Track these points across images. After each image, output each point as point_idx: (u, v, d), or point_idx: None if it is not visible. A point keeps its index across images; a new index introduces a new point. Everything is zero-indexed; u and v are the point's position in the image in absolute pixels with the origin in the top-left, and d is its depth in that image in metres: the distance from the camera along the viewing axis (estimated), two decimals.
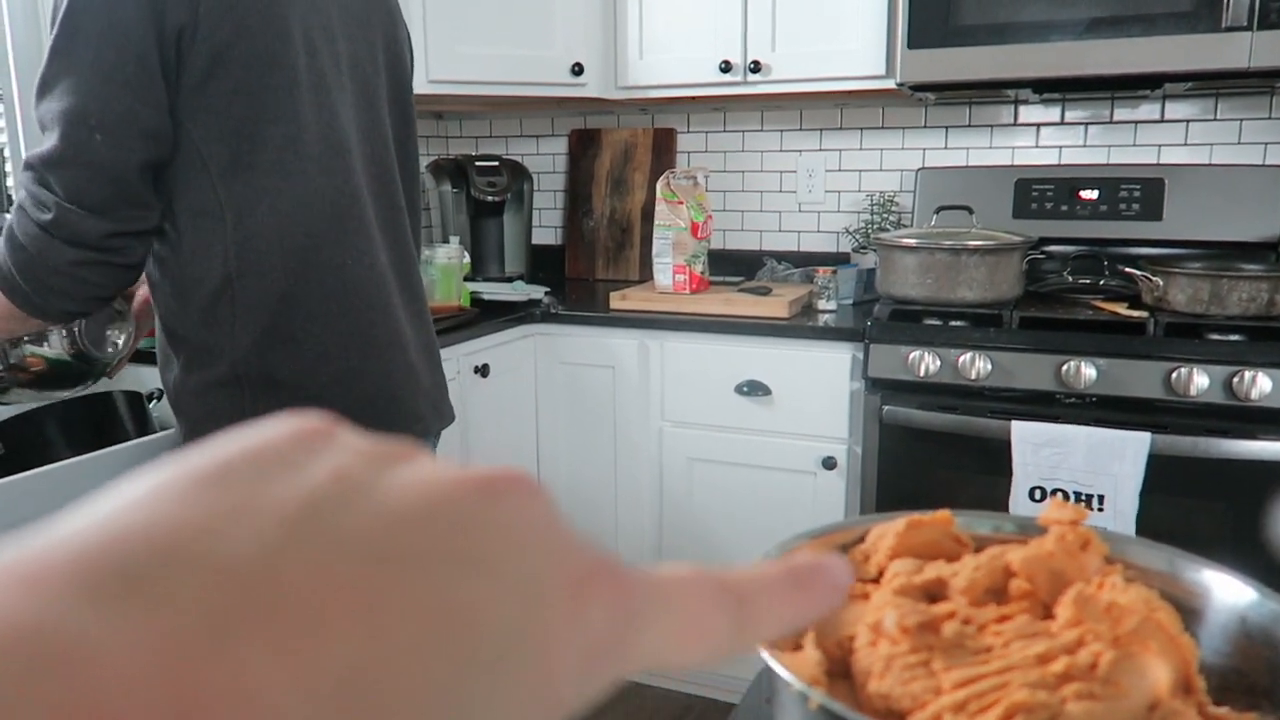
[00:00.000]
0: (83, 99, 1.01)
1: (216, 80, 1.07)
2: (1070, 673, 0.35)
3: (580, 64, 2.30)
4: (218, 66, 1.07)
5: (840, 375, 1.97)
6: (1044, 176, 2.23)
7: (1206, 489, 1.69)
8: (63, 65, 1.02)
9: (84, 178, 1.02)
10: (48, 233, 1.04)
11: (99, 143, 1.02)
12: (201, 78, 1.06)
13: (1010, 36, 1.90)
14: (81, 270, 1.06)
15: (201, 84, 1.07)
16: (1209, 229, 2.11)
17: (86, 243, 1.04)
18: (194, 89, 1.07)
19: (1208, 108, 2.18)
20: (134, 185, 1.05)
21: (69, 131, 1.02)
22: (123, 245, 1.07)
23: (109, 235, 1.05)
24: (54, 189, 1.03)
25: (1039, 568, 0.40)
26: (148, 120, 1.04)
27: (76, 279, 1.06)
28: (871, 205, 2.43)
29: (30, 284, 1.07)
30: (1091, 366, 1.72)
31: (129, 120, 1.03)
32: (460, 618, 0.16)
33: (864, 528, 0.48)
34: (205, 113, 1.08)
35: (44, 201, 1.03)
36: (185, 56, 1.05)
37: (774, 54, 2.18)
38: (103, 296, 1.11)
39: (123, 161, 1.03)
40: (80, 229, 1.04)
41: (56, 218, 1.03)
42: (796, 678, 0.36)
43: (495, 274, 2.60)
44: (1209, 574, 0.44)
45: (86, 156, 1.02)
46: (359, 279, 1.20)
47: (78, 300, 1.09)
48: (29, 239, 1.05)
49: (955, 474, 1.87)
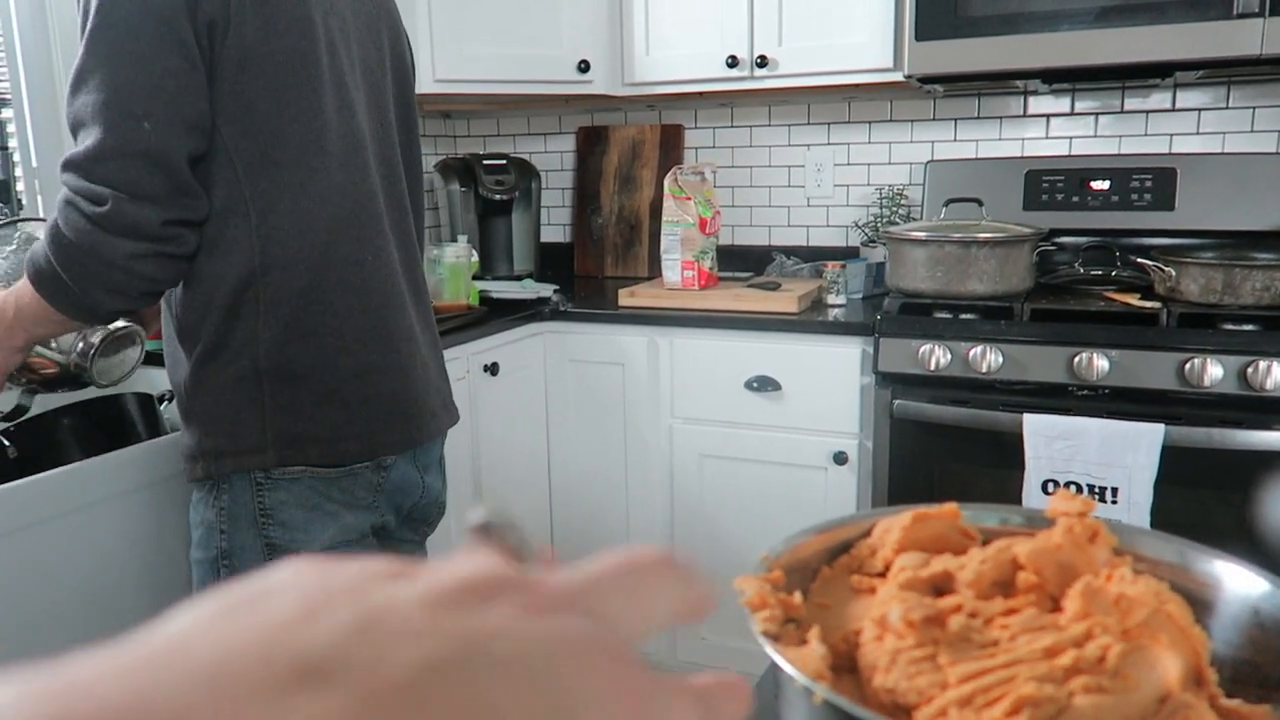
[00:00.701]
0: (127, 89, 1.01)
1: (246, 77, 1.08)
2: (1078, 666, 0.34)
3: (587, 61, 2.30)
4: (247, 63, 1.07)
5: (850, 370, 1.97)
6: (1054, 168, 2.21)
7: (1222, 480, 1.67)
8: (100, 56, 1.01)
9: (136, 167, 1.02)
10: (101, 227, 1.02)
11: (148, 131, 1.01)
12: (232, 74, 1.07)
13: (1019, 26, 1.89)
14: (138, 263, 1.05)
15: (231, 80, 1.07)
16: (1222, 218, 2.09)
17: (143, 233, 1.03)
18: (223, 84, 1.07)
19: (1220, 96, 2.16)
20: (184, 174, 1.05)
21: (117, 122, 1.01)
22: (178, 234, 1.06)
23: (166, 224, 1.04)
24: (106, 182, 1.01)
25: (1047, 560, 0.40)
26: (192, 109, 1.04)
27: (132, 273, 1.05)
28: (880, 199, 2.42)
29: (79, 282, 1.05)
30: (1104, 358, 1.71)
31: (176, 108, 1.03)
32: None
33: (870, 522, 0.47)
34: (234, 109, 1.08)
35: (97, 196, 1.02)
36: (216, 51, 1.06)
37: (780, 48, 2.18)
38: (156, 291, 1.11)
39: (173, 149, 1.03)
40: (137, 219, 1.02)
41: (112, 209, 1.01)
42: (801, 673, 0.35)
43: (504, 272, 2.60)
44: (1220, 565, 0.43)
45: (137, 146, 1.01)
46: (376, 275, 1.21)
47: (130, 296, 1.08)
48: (80, 234, 1.03)
49: (967, 468, 1.86)
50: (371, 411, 1.19)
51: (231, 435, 1.13)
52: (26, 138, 1.79)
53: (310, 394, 1.14)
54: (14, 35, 1.75)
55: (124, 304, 1.10)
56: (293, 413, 1.14)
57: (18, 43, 1.76)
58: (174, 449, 1.29)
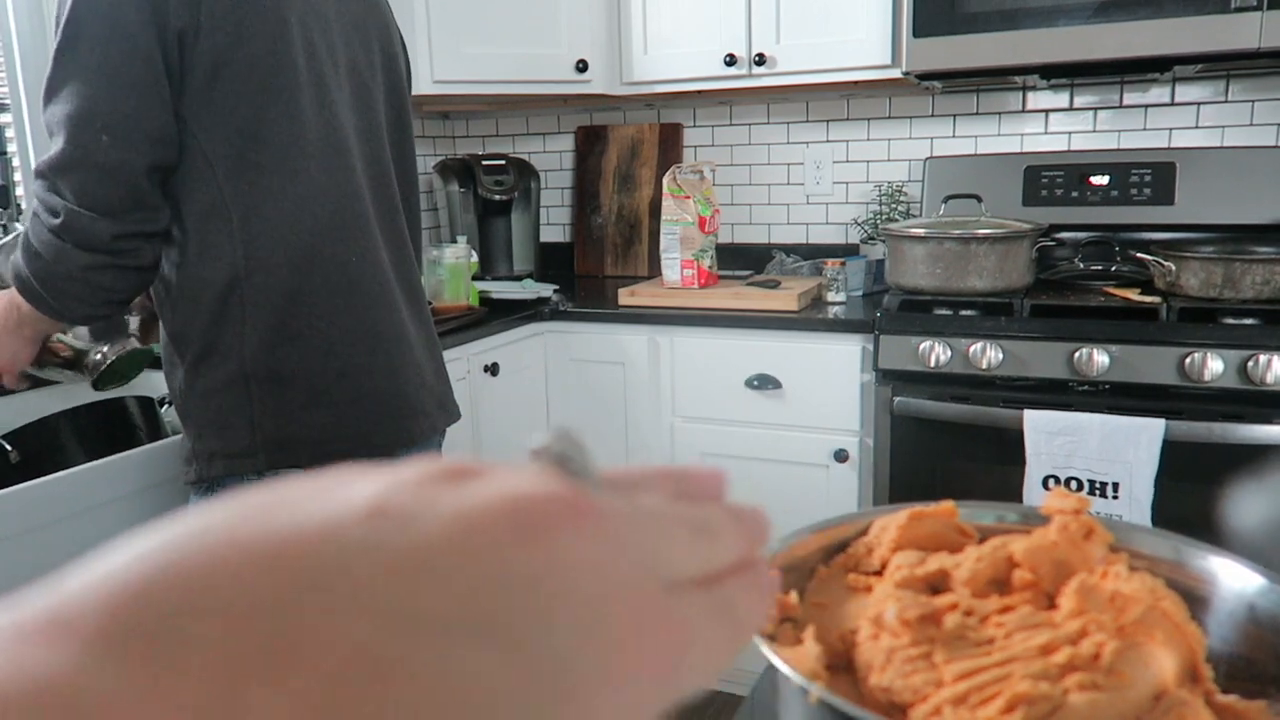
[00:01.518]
0: (89, 101, 1.02)
1: (220, 83, 1.08)
2: (1073, 663, 0.34)
3: (585, 61, 2.30)
4: (221, 69, 1.08)
5: (851, 367, 1.97)
6: (1053, 163, 2.21)
7: (1222, 475, 1.67)
8: (68, 69, 1.03)
9: (93, 180, 1.03)
10: (59, 237, 1.05)
11: (106, 144, 1.03)
12: (205, 80, 1.07)
13: (1017, 22, 1.89)
14: (93, 274, 1.07)
15: (205, 86, 1.08)
16: (1221, 212, 2.09)
17: (96, 246, 1.05)
18: (198, 91, 1.07)
19: (1219, 90, 2.15)
20: (142, 187, 1.06)
21: (76, 134, 1.03)
22: (132, 248, 1.08)
23: (118, 237, 1.06)
24: (63, 193, 1.04)
25: (1042, 558, 0.40)
26: (154, 121, 1.05)
27: (89, 284, 1.07)
28: (880, 196, 2.41)
29: (47, 290, 1.08)
30: (1104, 353, 1.71)
31: (136, 121, 1.04)
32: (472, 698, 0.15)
33: (867, 521, 0.47)
34: (210, 115, 1.09)
35: (54, 207, 1.04)
36: (187, 59, 1.06)
37: (779, 46, 2.17)
38: (117, 300, 1.12)
39: (130, 163, 1.04)
40: (90, 231, 1.04)
41: (66, 221, 1.04)
42: (797, 672, 0.36)
43: (504, 273, 2.60)
44: (1216, 561, 0.43)
45: (95, 158, 1.03)
46: (362, 275, 1.21)
47: (92, 305, 1.11)
48: (43, 245, 1.06)
49: (968, 464, 1.86)
50: (361, 412, 1.19)
51: (223, 438, 1.14)
52: (25, 142, 1.79)
53: (298, 396, 1.15)
54: (12, 41, 1.75)
55: (91, 311, 1.13)
56: (281, 415, 1.14)
57: (16, 48, 1.76)
58: (175, 452, 1.30)
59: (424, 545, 0.16)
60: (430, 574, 0.15)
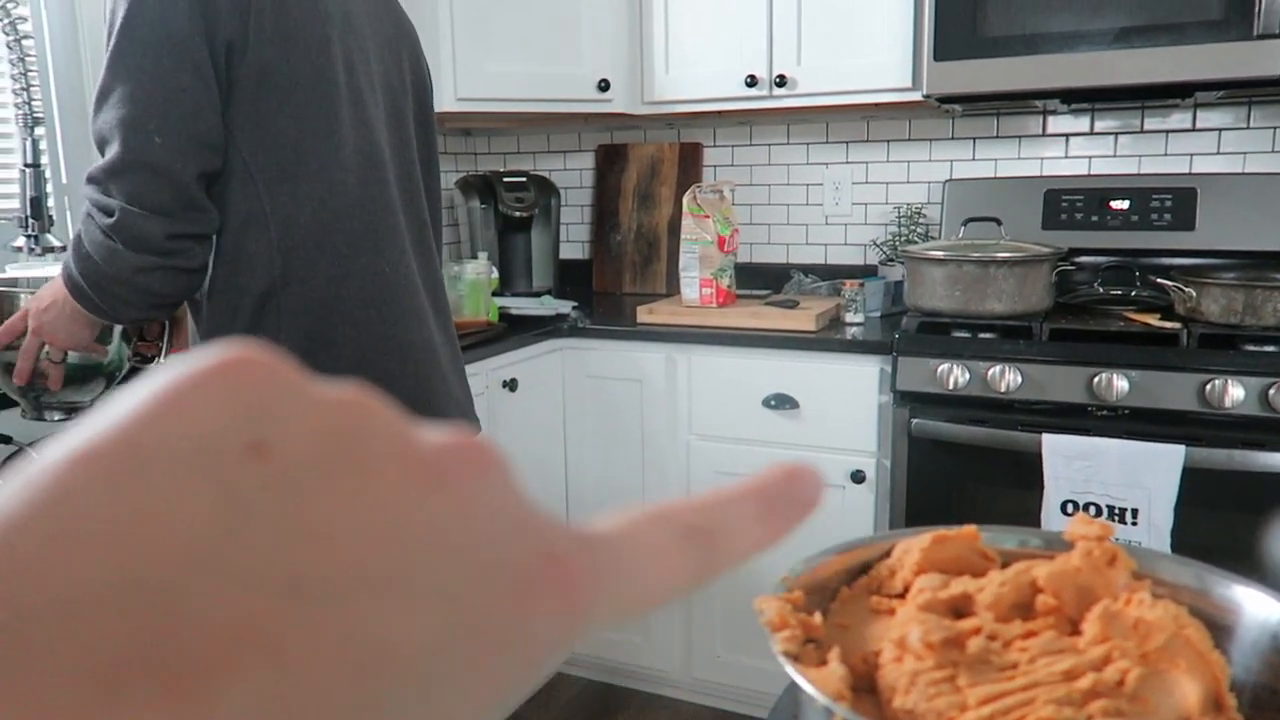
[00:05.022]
0: (142, 105, 1.04)
1: (265, 94, 1.11)
2: (1097, 689, 0.35)
3: (607, 80, 2.32)
4: (266, 80, 1.10)
5: (868, 388, 1.96)
6: (1074, 187, 2.21)
7: (1243, 502, 1.66)
8: (120, 74, 1.05)
9: (144, 180, 1.05)
10: (111, 238, 1.06)
11: (159, 145, 1.05)
12: (251, 91, 1.10)
13: (1039, 47, 1.89)
14: (143, 277, 1.08)
15: (251, 98, 1.10)
16: (1243, 239, 2.08)
17: (149, 247, 1.07)
18: (243, 102, 1.10)
19: (1240, 116, 2.15)
20: (192, 190, 1.08)
21: (129, 137, 1.04)
22: (184, 248, 1.09)
23: (171, 237, 1.07)
24: (116, 195, 1.06)
25: (1065, 583, 0.40)
26: (204, 125, 1.07)
27: (138, 287, 1.09)
28: (899, 217, 2.42)
29: (97, 292, 1.10)
30: (1124, 378, 1.70)
31: (188, 125, 1.06)
32: (375, 653, 0.14)
33: (890, 543, 0.48)
34: (254, 125, 1.11)
35: (108, 207, 1.06)
36: (235, 69, 1.09)
37: (800, 67, 2.19)
38: (166, 304, 1.14)
39: (183, 165, 1.06)
40: (143, 231, 1.06)
41: (119, 221, 1.05)
42: (821, 693, 0.36)
43: (523, 289, 2.61)
44: (1240, 589, 0.43)
45: (147, 159, 1.05)
46: (394, 286, 1.23)
47: (140, 308, 1.13)
48: (94, 246, 1.08)
49: (986, 488, 1.85)
50: None
51: None
52: (57, 154, 1.82)
53: None
54: (47, 56, 1.79)
55: (138, 314, 1.14)
56: None
57: (50, 64, 1.79)
58: None
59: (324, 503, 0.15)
60: (335, 535, 0.15)
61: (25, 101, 1.55)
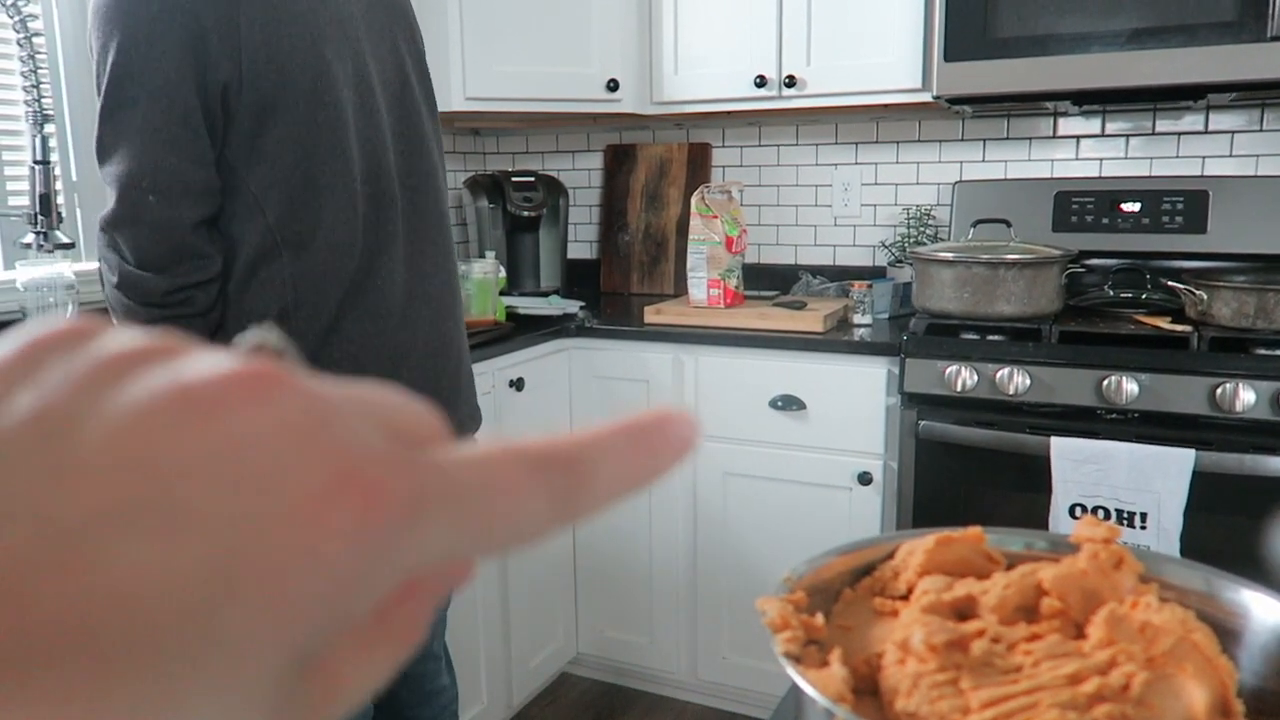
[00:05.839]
0: (134, 162, 1.07)
1: (267, 129, 1.12)
2: (1102, 693, 0.34)
3: (616, 80, 2.32)
4: (267, 114, 1.11)
5: (876, 390, 1.96)
6: (1084, 189, 2.20)
7: (1253, 508, 1.65)
8: (113, 130, 1.08)
9: (143, 236, 1.09)
10: (120, 293, 1.12)
11: (153, 203, 1.08)
12: (252, 127, 1.11)
13: (1049, 48, 1.88)
14: (155, 324, 1.11)
15: (253, 134, 1.12)
16: (1254, 241, 2.06)
17: (152, 301, 1.11)
18: (245, 138, 1.11)
19: (1253, 118, 2.14)
20: (189, 240, 1.11)
21: (125, 194, 1.08)
22: (186, 298, 1.13)
23: (171, 291, 1.11)
24: (120, 250, 1.10)
25: (1071, 586, 0.40)
26: (195, 177, 1.10)
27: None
28: (908, 219, 2.41)
29: None
30: (1133, 382, 1.69)
31: (178, 179, 1.08)
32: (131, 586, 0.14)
33: (894, 544, 0.47)
34: (260, 162, 1.12)
35: (113, 265, 1.11)
36: (232, 109, 1.10)
37: (809, 68, 2.18)
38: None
39: (178, 219, 1.09)
40: (143, 289, 1.11)
41: (122, 279, 1.11)
42: (823, 694, 0.36)
43: (531, 288, 2.61)
44: (1248, 594, 0.43)
45: (144, 217, 1.08)
46: (392, 298, 1.25)
47: None
48: (109, 295, 1.14)
49: (993, 490, 1.85)
50: None
51: None
52: (67, 151, 1.83)
53: None
54: (57, 54, 1.79)
55: None
56: None
57: (60, 61, 1.80)
58: None
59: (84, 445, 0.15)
60: (88, 472, 0.15)
61: (35, 99, 1.55)
